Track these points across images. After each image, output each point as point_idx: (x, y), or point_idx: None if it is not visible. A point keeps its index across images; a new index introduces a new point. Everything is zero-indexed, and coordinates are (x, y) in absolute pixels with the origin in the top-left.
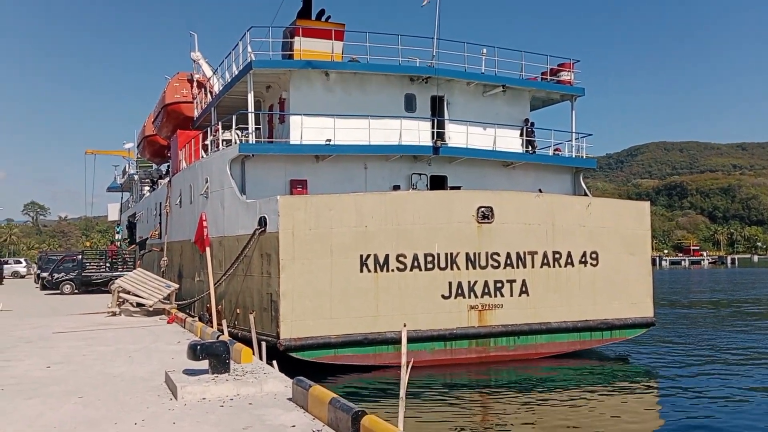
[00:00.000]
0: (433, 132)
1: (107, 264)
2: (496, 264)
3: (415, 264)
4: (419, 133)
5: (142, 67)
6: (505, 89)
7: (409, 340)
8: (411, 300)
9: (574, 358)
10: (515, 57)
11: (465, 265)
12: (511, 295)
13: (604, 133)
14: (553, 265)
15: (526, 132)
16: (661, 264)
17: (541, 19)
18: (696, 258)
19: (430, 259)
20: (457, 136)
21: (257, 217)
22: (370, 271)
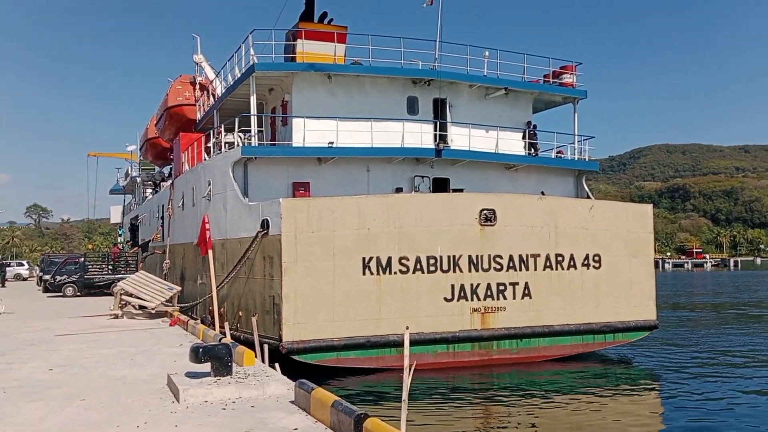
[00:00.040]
0: (435, 134)
1: (109, 266)
2: (498, 267)
3: (418, 267)
4: (422, 135)
5: (145, 70)
6: (507, 92)
7: (412, 343)
8: (413, 303)
9: (576, 361)
10: (518, 59)
11: (467, 268)
12: (514, 297)
13: (607, 135)
14: (556, 268)
15: (529, 134)
16: (663, 267)
17: (544, 22)
18: (699, 261)
19: (432, 261)
20: (459, 138)
21: (260, 220)
22: (372, 273)
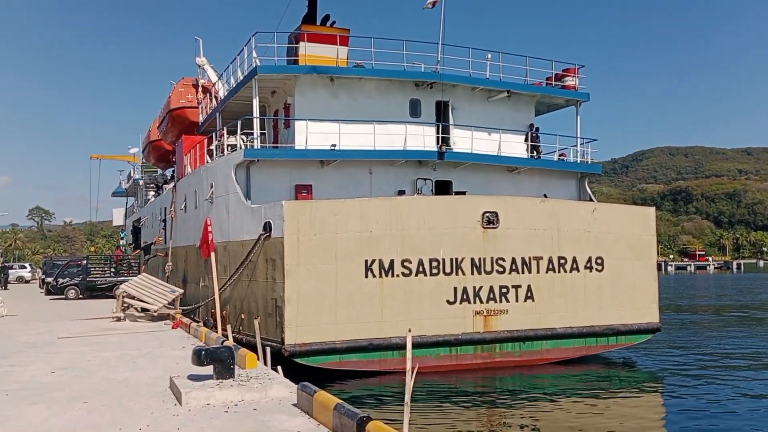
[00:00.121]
0: (437, 137)
1: (112, 269)
2: (501, 269)
3: (420, 269)
4: (424, 138)
5: (147, 72)
6: (509, 94)
7: (414, 346)
8: (416, 305)
9: (579, 364)
10: (520, 62)
11: (470, 271)
12: (517, 300)
13: (609, 137)
14: (559, 271)
15: (531, 137)
16: (666, 269)
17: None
18: (701, 263)
19: (435, 264)
20: (461, 141)
21: (262, 222)
22: (375, 276)
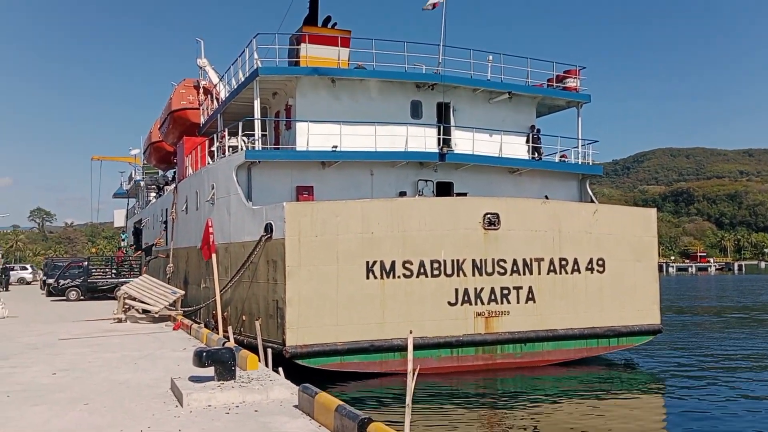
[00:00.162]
0: (439, 138)
1: (113, 270)
2: (502, 271)
3: (422, 270)
4: (425, 139)
5: (149, 73)
6: (511, 96)
7: (416, 347)
8: (417, 307)
9: (580, 366)
10: (521, 64)
11: (471, 272)
12: (518, 301)
13: (610, 139)
14: (560, 272)
15: (532, 138)
16: (667, 270)
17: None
18: (703, 264)
19: (436, 265)
20: (463, 142)
21: (263, 224)
22: (376, 277)
